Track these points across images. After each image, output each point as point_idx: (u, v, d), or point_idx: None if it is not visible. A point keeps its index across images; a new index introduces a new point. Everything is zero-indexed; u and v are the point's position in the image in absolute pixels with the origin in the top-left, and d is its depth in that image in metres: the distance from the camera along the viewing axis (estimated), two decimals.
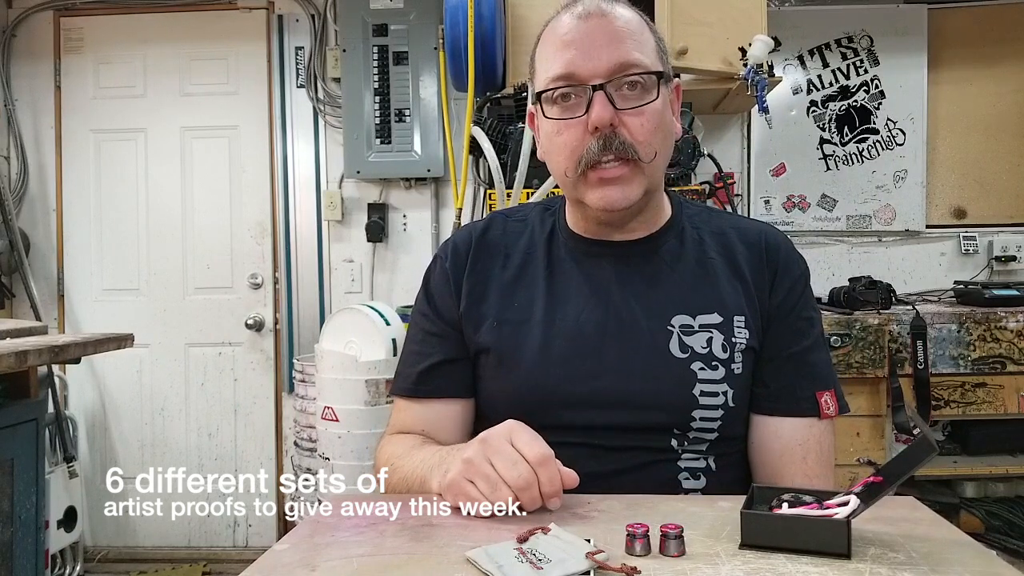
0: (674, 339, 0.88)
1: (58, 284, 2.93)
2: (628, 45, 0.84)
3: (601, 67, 0.83)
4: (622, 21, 0.86)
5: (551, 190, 1.93)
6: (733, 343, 0.88)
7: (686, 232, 0.95)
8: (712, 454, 0.89)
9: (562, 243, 0.96)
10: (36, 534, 1.69)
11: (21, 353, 1.43)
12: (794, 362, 0.91)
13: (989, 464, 2.21)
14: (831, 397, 0.90)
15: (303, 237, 2.84)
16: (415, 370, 0.96)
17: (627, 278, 0.92)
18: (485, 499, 0.71)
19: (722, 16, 2.08)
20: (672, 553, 0.62)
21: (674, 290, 0.91)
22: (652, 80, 0.85)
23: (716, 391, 0.87)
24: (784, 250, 0.95)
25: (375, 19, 2.65)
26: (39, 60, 2.89)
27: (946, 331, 2.11)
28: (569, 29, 0.85)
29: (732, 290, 0.91)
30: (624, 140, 0.83)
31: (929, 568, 0.58)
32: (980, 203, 2.74)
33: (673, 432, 0.87)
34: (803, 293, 0.93)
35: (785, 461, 0.89)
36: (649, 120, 0.84)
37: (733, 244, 0.94)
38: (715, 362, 0.87)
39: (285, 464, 2.85)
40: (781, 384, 0.90)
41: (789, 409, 0.90)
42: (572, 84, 0.84)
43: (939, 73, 2.71)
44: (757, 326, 0.91)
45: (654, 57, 0.87)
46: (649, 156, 0.85)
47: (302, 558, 0.64)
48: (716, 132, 2.73)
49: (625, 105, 0.83)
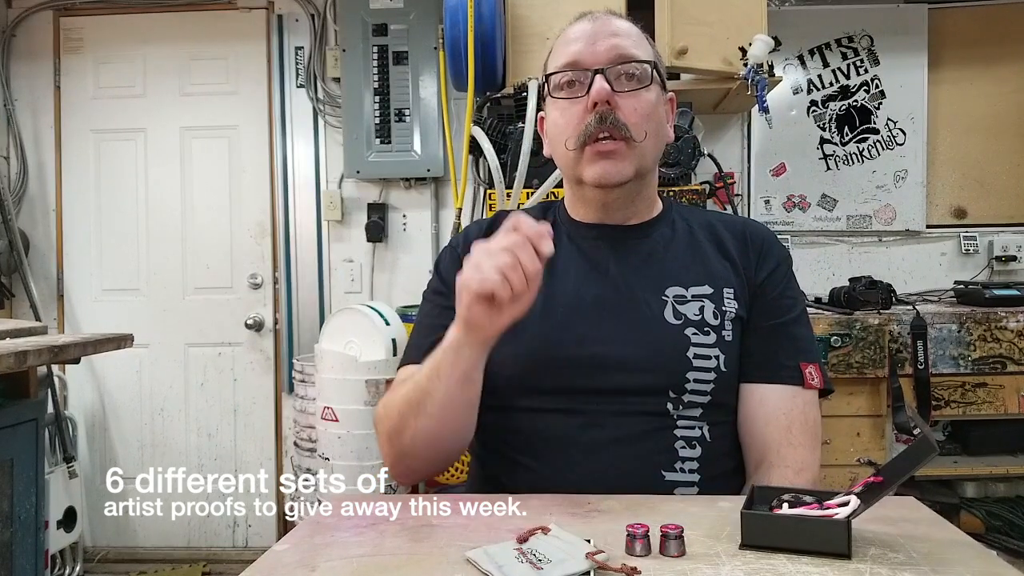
0: (668, 307, 0.94)
1: (58, 284, 2.93)
2: (628, 41, 0.95)
3: (602, 55, 0.93)
4: (625, 26, 0.98)
5: (551, 191, 1.93)
6: (723, 311, 0.94)
7: (677, 223, 1.04)
8: (706, 422, 0.92)
9: (563, 232, 1.03)
10: (36, 534, 1.69)
11: (21, 353, 1.42)
12: (778, 333, 0.96)
13: (989, 464, 2.21)
14: (815, 370, 0.95)
15: (303, 237, 2.84)
16: (428, 341, 0.96)
17: (623, 256, 0.99)
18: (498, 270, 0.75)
19: (722, 16, 2.08)
20: (672, 553, 0.61)
21: (668, 266, 0.98)
22: (646, 72, 0.94)
23: (708, 355, 0.92)
24: (767, 237, 1.03)
25: (375, 19, 2.64)
26: (39, 60, 2.89)
27: (946, 331, 2.11)
28: (578, 29, 0.97)
29: (721, 267, 0.98)
30: (618, 119, 0.91)
31: (929, 568, 0.58)
32: (980, 203, 2.74)
33: (669, 395, 0.91)
34: (786, 275, 1.00)
35: (770, 430, 0.93)
36: (642, 105, 0.93)
37: (720, 232, 1.02)
38: (707, 328, 0.93)
39: (285, 464, 2.85)
40: (766, 353, 0.95)
41: (773, 376, 0.94)
42: (576, 69, 0.94)
43: (939, 73, 2.71)
44: (744, 298, 0.97)
45: (651, 59, 0.96)
46: (640, 136, 0.93)
47: (302, 558, 0.64)
48: (716, 132, 2.73)
49: (621, 88, 0.93)
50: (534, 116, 1.92)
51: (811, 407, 0.94)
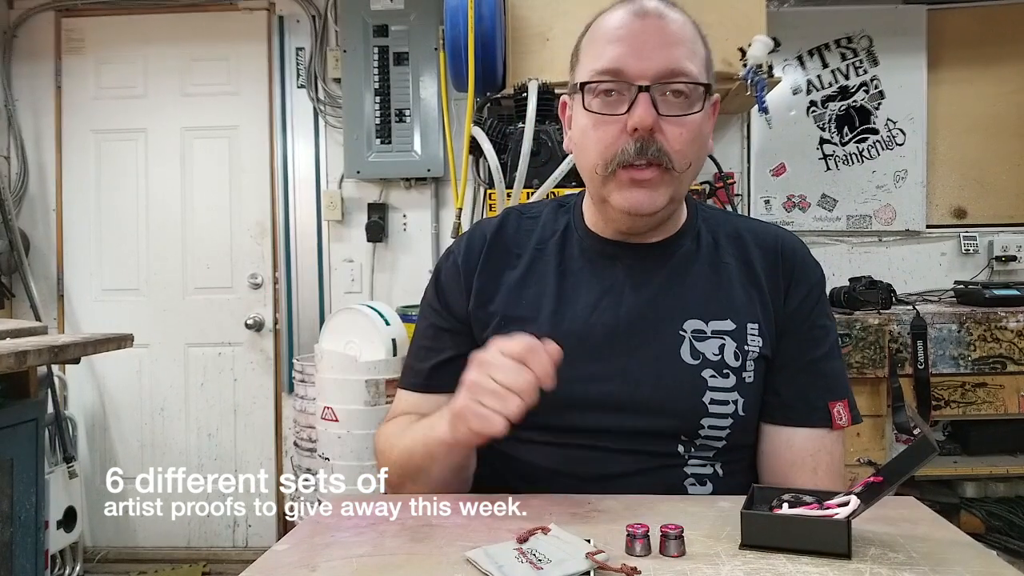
0: (685, 344, 0.87)
1: (58, 284, 2.93)
2: (680, 52, 0.82)
3: (650, 69, 0.81)
4: (677, 26, 0.84)
5: (553, 189, 1.93)
6: (746, 351, 0.87)
7: (701, 235, 0.94)
8: (719, 461, 0.88)
9: (576, 241, 0.95)
10: (36, 534, 1.69)
11: (21, 353, 1.43)
12: (808, 371, 0.89)
13: (989, 464, 2.21)
14: (844, 408, 0.89)
15: (303, 237, 2.84)
16: (425, 366, 0.96)
17: (640, 281, 0.90)
18: (498, 413, 0.71)
19: (722, 16, 2.08)
20: (672, 553, 0.62)
21: (687, 295, 0.89)
22: (698, 92, 0.83)
23: (726, 399, 0.86)
24: (800, 256, 0.93)
25: (375, 20, 2.65)
26: (40, 60, 2.89)
27: (946, 331, 2.11)
28: (623, 24, 0.83)
29: (746, 297, 0.90)
30: (661, 147, 0.81)
31: (929, 568, 0.58)
32: (980, 203, 2.74)
33: (680, 439, 0.87)
34: (818, 301, 0.92)
35: (795, 471, 0.88)
36: (688, 132, 0.82)
37: (748, 248, 0.93)
38: (726, 370, 0.86)
39: (285, 464, 2.85)
40: (794, 394, 0.89)
41: (801, 420, 0.89)
42: (618, 80, 0.82)
43: (939, 73, 2.70)
44: (771, 333, 0.89)
45: (702, 68, 0.85)
46: (683, 167, 0.83)
47: (302, 558, 0.64)
48: (716, 132, 2.68)
49: (668, 112, 0.82)
50: (534, 117, 1.92)
51: (837, 445, 0.90)
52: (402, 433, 0.90)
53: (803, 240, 0.98)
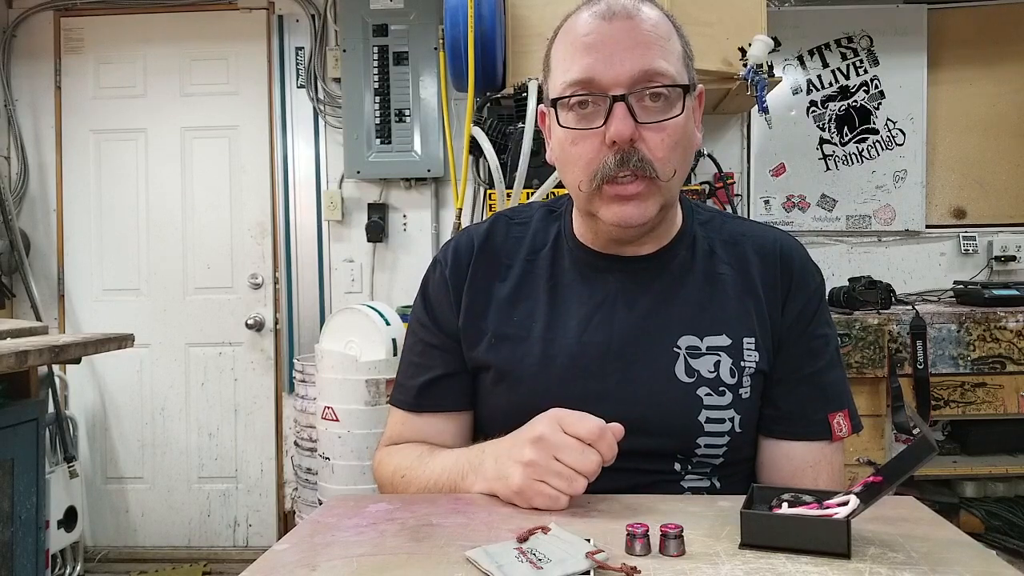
0: (680, 362, 0.85)
1: (58, 284, 2.93)
2: (654, 52, 0.78)
3: (623, 75, 0.77)
4: (649, 24, 0.79)
5: (553, 189, 1.93)
6: (742, 367, 0.85)
7: (697, 243, 0.91)
8: (717, 475, 0.87)
9: (567, 252, 0.92)
10: (36, 534, 1.70)
11: (21, 353, 1.43)
12: (807, 384, 0.88)
13: (989, 464, 2.21)
14: (844, 418, 0.88)
15: (303, 237, 2.84)
16: (415, 383, 0.94)
17: (633, 296, 0.88)
18: (563, 494, 0.72)
19: (722, 16, 2.08)
20: (672, 553, 0.62)
21: (682, 309, 0.87)
22: (677, 93, 0.79)
23: (722, 417, 0.84)
24: (799, 261, 0.91)
25: (375, 19, 2.65)
26: (39, 60, 2.89)
27: (946, 331, 2.11)
28: (590, 30, 0.79)
29: (743, 309, 0.87)
30: (643, 156, 0.78)
31: (929, 568, 0.58)
32: (980, 203, 2.74)
33: (677, 456, 0.86)
34: (818, 308, 0.90)
35: (796, 482, 0.87)
36: (670, 136, 0.79)
37: (746, 255, 0.90)
38: (722, 387, 0.84)
39: (285, 464, 2.85)
40: (793, 407, 0.88)
41: (801, 433, 0.87)
42: (591, 92, 0.78)
43: (939, 73, 2.71)
44: (768, 347, 0.87)
45: (680, 66, 0.81)
46: (667, 174, 0.80)
47: (302, 558, 0.64)
48: (716, 132, 2.73)
49: (647, 118, 0.78)
50: (534, 117, 1.92)
51: (837, 455, 0.89)
52: (415, 469, 0.87)
53: (803, 241, 0.97)
